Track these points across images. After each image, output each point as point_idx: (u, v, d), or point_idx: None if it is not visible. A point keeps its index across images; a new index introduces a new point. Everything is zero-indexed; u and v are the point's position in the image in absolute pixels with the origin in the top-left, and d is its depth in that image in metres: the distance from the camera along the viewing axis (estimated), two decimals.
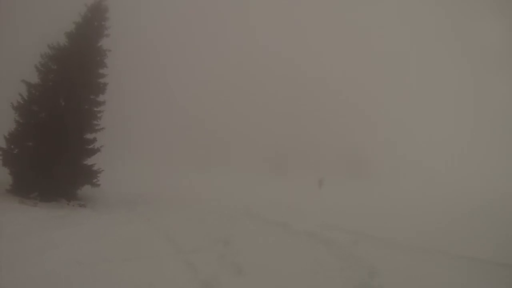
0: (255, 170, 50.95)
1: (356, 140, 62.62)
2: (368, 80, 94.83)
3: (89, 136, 17.00)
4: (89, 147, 16.90)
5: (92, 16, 17.43)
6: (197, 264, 7.78)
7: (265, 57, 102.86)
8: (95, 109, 17.27)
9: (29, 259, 7.34)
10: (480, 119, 79.62)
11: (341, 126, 70.38)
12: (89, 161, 16.95)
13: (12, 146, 15.25)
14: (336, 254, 8.93)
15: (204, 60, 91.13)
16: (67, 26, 17.04)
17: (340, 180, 47.39)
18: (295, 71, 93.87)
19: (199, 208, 18.23)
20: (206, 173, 43.67)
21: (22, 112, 15.58)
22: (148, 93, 65.08)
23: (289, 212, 17.37)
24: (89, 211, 14.94)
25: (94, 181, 16.71)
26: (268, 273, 7.45)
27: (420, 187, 40.25)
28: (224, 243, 10.03)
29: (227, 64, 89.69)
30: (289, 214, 16.13)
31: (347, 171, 56.36)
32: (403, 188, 38.20)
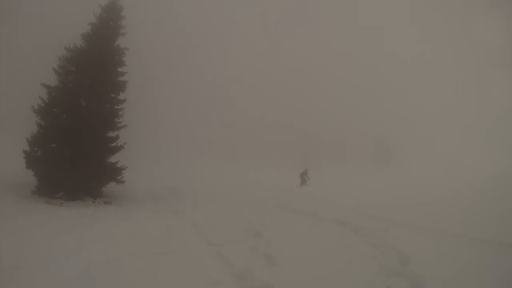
0: (281, 162, 49.56)
1: (381, 128, 61.01)
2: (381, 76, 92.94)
3: (111, 134, 16.05)
4: (112, 144, 15.93)
5: (107, 16, 16.38)
6: (229, 257, 7.12)
7: (286, 53, 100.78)
8: (116, 107, 16.25)
9: (61, 258, 6.81)
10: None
11: (366, 115, 68.94)
12: (112, 159, 16.02)
13: (35, 149, 14.36)
14: (368, 242, 8.19)
15: (224, 58, 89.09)
16: (83, 26, 16.07)
17: (365, 168, 46.32)
18: (317, 67, 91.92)
19: (228, 200, 17.33)
20: (232, 166, 42.22)
21: (44, 115, 14.65)
22: (170, 88, 63.46)
23: (317, 201, 16.33)
24: (115, 208, 14.12)
25: (118, 178, 15.76)
26: (301, 263, 6.80)
27: (445, 173, 38.70)
28: (255, 234, 9.25)
29: (244, 62, 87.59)
30: (317, 204, 15.17)
31: (373, 159, 54.89)
32: (429, 174, 36.70)
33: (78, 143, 14.59)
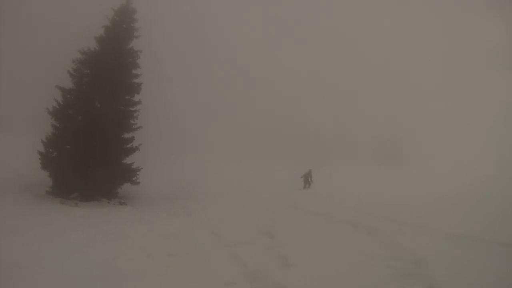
0: (292, 162, 48.89)
1: (390, 129, 59.97)
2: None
3: (126, 135, 15.99)
4: (127, 146, 15.89)
5: (120, 19, 16.35)
6: (244, 257, 6.96)
7: (298, 52, 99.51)
8: (131, 108, 16.22)
9: (72, 257, 6.74)
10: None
11: (376, 116, 67.70)
12: (128, 160, 15.96)
13: (50, 150, 14.40)
14: (380, 243, 8.03)
15: (237, 57, 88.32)
16: (96, 30, 16.09)
17: (376, 168, 45.76)
18: (326, 65, 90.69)
19: (240, 200, 17.20)
20: (244, 165, 41.66)
21: (59, 117, 14.68)
22: (182, 87, 63.31)
23: (328, 202, 16.25)
24: (130, 208, 14.04)
25: (133, 179, 15.75)
26: (315, 264, 6.59)
27: (455, 173, 37.99)
28: (268, 235, 9.09)
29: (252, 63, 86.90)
30: (329, 204, 15.12)
31: (382, 159, 53.92)
32: (437, 175, 36.00)
33: (93, 145, 14.56)
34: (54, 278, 5.56)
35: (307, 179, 23.61)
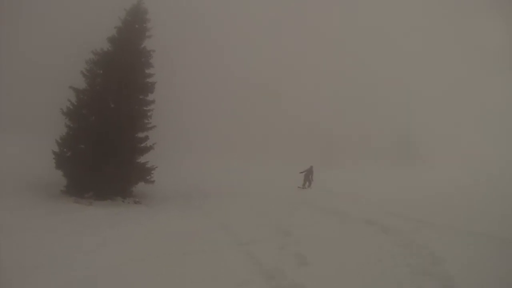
0: (306, 161, 48.64)
1: (403, 127, 59.30)
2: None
3: (140, 134, 15.91)
4: (142, 145, 15.81)
5: (132, 20, 16.27)
6: (259, 256, 6.96)
7: (308, 52, 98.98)
8: (145, 108, 16.15)
9: (86, 256, 6.80)
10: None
11: (388, 115, 66.96)
12: (142, 159, 15.90)
13: (65, 150, 14.36)
14: (398, 242, 7.98)
15: (249, 56, 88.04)
16: (109, 31, 16.04)
17: (392, 168, 45.76)
18: (339, 65, 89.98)
19: (254, 199, 17.00)
20: (257, 165, 41.52)
21: (73, 117, 14.64)
22: (196, 88, 63.80)
23: (345, 200, 16.13)
24: (144, 207, 14.00)
25: (148, 178, 15.65)
26: (331, 262, 6.59)
27: (468, 172, 37.48)
28: (284, 233, 9.08)
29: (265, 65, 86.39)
30: (345, 203, 14.99)
31: (398, 158, 53.32)
32: (452, 174, 35.76)
33: (107, 144, 14.51)
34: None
35: (308, 177, 22.15)
